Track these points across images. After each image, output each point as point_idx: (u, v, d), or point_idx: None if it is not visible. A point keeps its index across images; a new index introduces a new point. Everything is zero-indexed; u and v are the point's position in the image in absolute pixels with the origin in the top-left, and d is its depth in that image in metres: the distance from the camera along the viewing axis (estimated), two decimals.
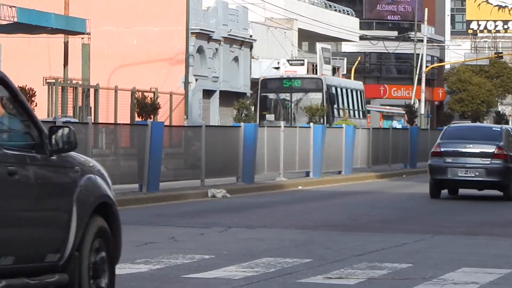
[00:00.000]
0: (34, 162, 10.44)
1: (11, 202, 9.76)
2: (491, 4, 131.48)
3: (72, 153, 10.68)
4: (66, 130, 10.53)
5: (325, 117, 51.29)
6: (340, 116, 56.88)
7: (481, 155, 43.98)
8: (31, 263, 10.72)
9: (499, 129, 48.71)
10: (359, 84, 65.85)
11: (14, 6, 58.38)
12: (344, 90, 62.08)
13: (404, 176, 56.93)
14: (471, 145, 44.27)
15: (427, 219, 33.04)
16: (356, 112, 61.79)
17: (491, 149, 44.44)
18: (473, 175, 43.26)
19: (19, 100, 10.50)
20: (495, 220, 33.03)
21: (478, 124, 78.35)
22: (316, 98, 52.36)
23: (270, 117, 53.95)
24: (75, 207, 10.82)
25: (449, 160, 45.46)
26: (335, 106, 57.23)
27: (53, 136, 10.30)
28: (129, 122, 54.96)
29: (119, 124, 46.91)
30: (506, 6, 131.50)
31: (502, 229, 29.28)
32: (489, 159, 43.53)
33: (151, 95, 60.18)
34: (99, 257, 10.97)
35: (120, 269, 15.17)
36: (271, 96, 55.78)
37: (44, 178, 10.62)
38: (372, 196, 43.04)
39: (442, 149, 44.06)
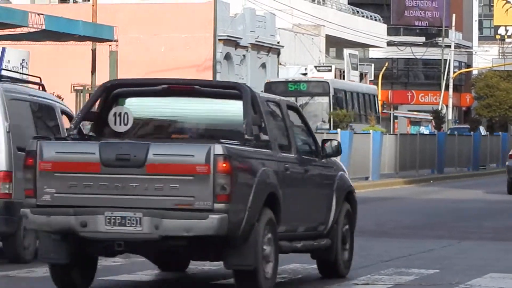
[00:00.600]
0: (314, 163, 15.97)
1: (306, 190, 15.33)
2: None
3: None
4: (335, 142, 16.31)
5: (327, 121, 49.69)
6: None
7: None
8: (311, 231, 16.26)
9: None
10: (372, 89, 64.90)
11: (42, 14, 57.67)
12: (354, 94, 60.58)
13: (432, 181, 56.22)
14: None
15: (454, 224, 32.70)
16: (363, 117, 59.91)
17: None
18: None
19: (305, 122, 16.47)
20: None
21: None
22: (322, 102, 51.90)
23: None
24: (335, 195, 16.26)
25: None
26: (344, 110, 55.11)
27: (325, 146, 15.89)
28: None
29: None
30: None
31: None
32: None
33: None
34: (345, 229, 16.42)
35: None
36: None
37: (319, 174, 16.19)
38: (399, 202, 42.77)
39: None
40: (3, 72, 29.86)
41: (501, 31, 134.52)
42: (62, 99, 52.41)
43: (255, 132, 14.37)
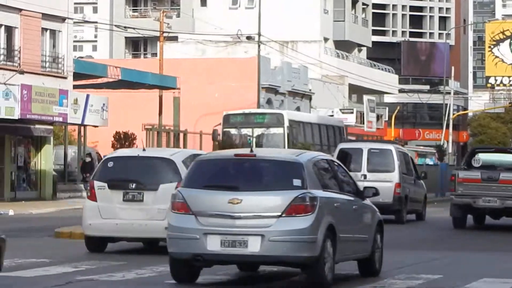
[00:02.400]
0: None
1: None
2: (506, 63, 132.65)
3: None
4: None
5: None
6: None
7: None
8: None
9: None
10: (338, 121, 59.78)
11: (118, 67, 59.74)
12: (315, 126, 54.58)
13: (435, 203, 56.19)
14: None
15: (455, 239, 32.56)
16: (332, 148, 50.65)
17: None
18: None
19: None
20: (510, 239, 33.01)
21: None
22: (277, 134, 47.80)
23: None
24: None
25: None
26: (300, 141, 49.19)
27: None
28: None
29: None
30: None
31: None
32: None
33: None
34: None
35: None
36: (233, 131, 49.42)
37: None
38: (408, 220, 41.39)
39: None
40: None
41: (492, 80, 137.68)
42: (135, 136, 53.94)
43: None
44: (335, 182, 17.77)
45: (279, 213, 14.19)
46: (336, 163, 18.64)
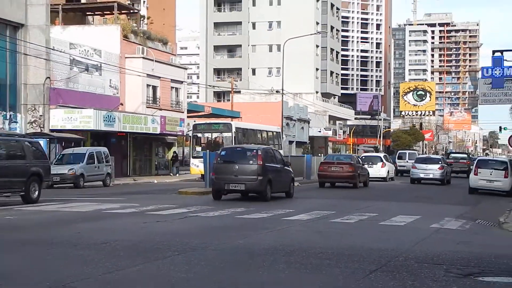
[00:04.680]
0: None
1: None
2: (410, 104, 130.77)
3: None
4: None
5: None
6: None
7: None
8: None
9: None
10: (275, 128, 51.99)
11: (210, 107, 61.62)
12: (256, 132, 48.04)
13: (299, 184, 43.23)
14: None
15: (387, 195, 30.49)
16: (271, 144, 46.21)
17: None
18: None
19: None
20: (421, 194, 30.88)
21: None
22: (227, 137, 41.89)
23: (199, 149, 42.61)
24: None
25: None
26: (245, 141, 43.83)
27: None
28: None
29: None
30: (416, 105, 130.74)
31: (425, 198, 27.55)
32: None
33: None
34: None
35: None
36: (199, 135, 43.18)
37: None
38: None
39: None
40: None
41: (403, 113, 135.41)
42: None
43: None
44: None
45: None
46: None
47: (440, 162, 42.78)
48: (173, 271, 9.35)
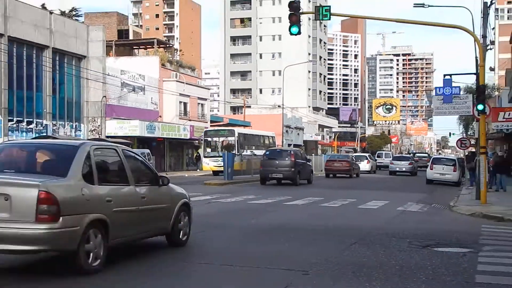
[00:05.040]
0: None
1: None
2: (380, 115, 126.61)
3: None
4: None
5: (236, 150, 37.94)
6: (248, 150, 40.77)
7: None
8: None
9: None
10: (271, 133, 47.89)
11: (227, 118, 61.03)
12: (255, 136, 44.57)
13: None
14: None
15: (367, 184, 29.76)
16: (268, 146, 42.71)
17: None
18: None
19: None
20: (391, 184, 29.81)
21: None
22: (231, 140, 38.93)
23: (209, 150, 39.32)
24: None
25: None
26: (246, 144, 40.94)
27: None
28: None
29: None
30: (385, 116, 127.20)
31: (393, 187, 26.72)
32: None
33: None
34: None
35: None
36: (209, 139, 39.83)
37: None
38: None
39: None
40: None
41: (375, 122, 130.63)
42: None
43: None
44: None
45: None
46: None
47: (410, 159, 45.28)
48: (200, 244, 9.31)
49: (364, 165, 45.19)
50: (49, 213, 6.39)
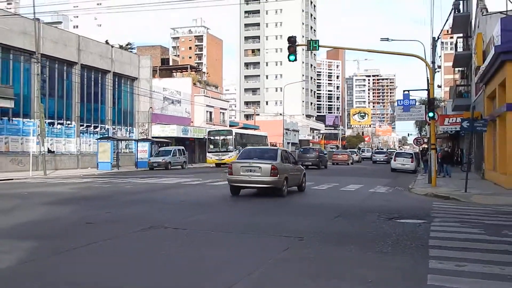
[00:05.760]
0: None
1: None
2: (356, 121, 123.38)
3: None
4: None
5: (233, 147, 35.57)
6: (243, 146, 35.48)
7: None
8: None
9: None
10: (264, 133, 44.93)
11: (242, 123, 58.24)
12: (250, 135, 41.06)
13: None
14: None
15: (350, 172, 28.85)
16: (261, 145, 39.99)
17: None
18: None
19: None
20: (366, 172, 28.91)
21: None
22: (230, 138, 35.83)
23: (211, 146, 36.34)
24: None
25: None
26: (243, 142, 37.56)
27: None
28: None
29: None
30: (360, 121, 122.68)
31: (367, 174, 25.75)
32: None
33: None
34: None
35: None
36: (212, 138, 36.65)
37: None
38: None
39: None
40: None
41: (352, 126, 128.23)
42: None
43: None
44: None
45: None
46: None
47: (385, 153, 47.63)
48: (217, 218, 9.30)
49: (355, 158, 47.33)
50: (274, 173, 12.67)
